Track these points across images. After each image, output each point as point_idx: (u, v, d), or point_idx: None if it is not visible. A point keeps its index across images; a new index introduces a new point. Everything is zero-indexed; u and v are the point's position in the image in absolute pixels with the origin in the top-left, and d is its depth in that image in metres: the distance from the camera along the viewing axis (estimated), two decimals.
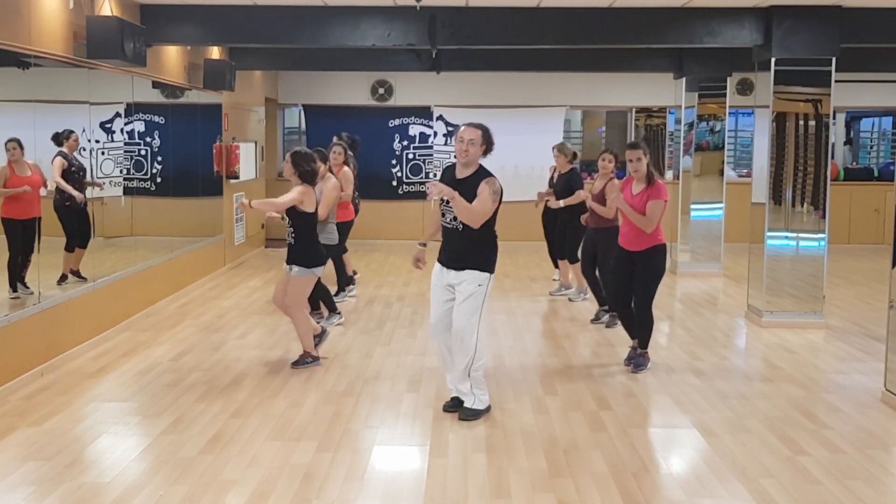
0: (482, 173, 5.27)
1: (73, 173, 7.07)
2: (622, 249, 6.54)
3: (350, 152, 8.98)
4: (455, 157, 5.30)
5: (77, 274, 7.19)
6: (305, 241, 6.50)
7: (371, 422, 5.37)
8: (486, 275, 5.26)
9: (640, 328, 6.54)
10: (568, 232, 9.02)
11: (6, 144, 6.19)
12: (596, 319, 8.22)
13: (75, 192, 6.99)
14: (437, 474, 4.52)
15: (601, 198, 7.77)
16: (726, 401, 5.85)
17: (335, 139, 9.03)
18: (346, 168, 8.73)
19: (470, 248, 5.25)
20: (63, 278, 7.05)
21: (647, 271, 6.39)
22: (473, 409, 5.37)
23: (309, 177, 6.46)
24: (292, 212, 6.41)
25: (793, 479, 4.51)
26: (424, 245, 5.72)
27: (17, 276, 6.28)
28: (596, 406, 5.70)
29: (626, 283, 6.53)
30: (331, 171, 8.02)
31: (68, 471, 4.50)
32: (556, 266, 9.92)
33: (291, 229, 6.46)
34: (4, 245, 6.22)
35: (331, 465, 4.63)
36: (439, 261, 5.42)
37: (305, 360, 6.53)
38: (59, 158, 6.92)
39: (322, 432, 5.13)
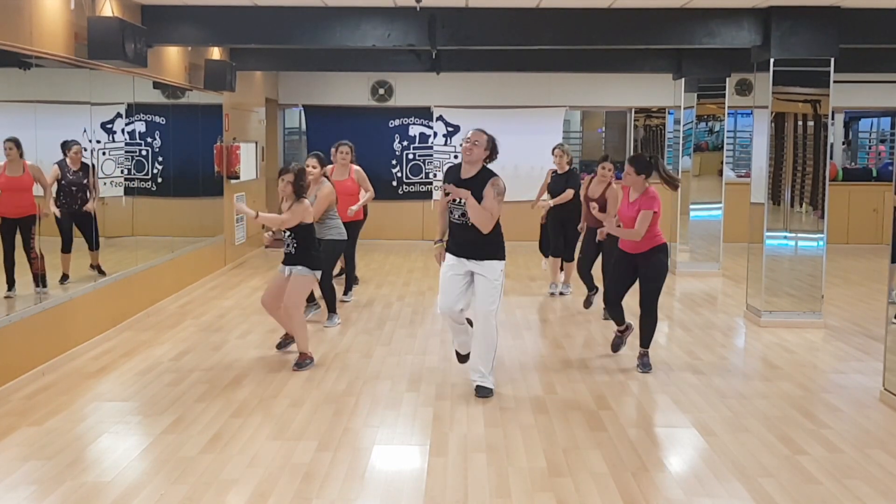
0: (486, 173, 5.68)
1: (64, 186, 7.11)
2: (623, 252, 6.63)
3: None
4: (459, 156, 5.49)
5: (97, 269, 7.45)
6: (307, 247, 6.64)
7: (371, 421, 5.39)
8: (503, 262, 5.77)
9: (646, 328, 6.57)
10: (568, 233, 9.33)
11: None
12: (588, 304, 8.77)
13: (53, 208, 6.92)
14: (436, 474, 4.53)
15: (602, 201, 8.21)
16: (725, 400, 5.87)
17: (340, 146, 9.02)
18: (356, 167, 8.88)
19: (483, 239, 5.65)
20: (64, 277, 7.07)
21: (650, 271, 6.47)
22: (489, 388, 5.86)
23: (303, 191, 6.63)
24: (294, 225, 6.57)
25: (791, 478, 4.53)
26: (442, 241, 5.95)
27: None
28: (595, 405, 5.72)
29: (621, 281, 6.67)
30: (326, 176, 7.99)
31: (69, 470, 4.52)
32: (546, 256, 10.10)
33: (294, 239, 6.57)
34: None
35: (331, 464, 4.64)
36: (452, 252, 5.80)
37: (305, 363, 6.53)
38: (55, 167, 7.00)
39: (322, 432, 5.14)
